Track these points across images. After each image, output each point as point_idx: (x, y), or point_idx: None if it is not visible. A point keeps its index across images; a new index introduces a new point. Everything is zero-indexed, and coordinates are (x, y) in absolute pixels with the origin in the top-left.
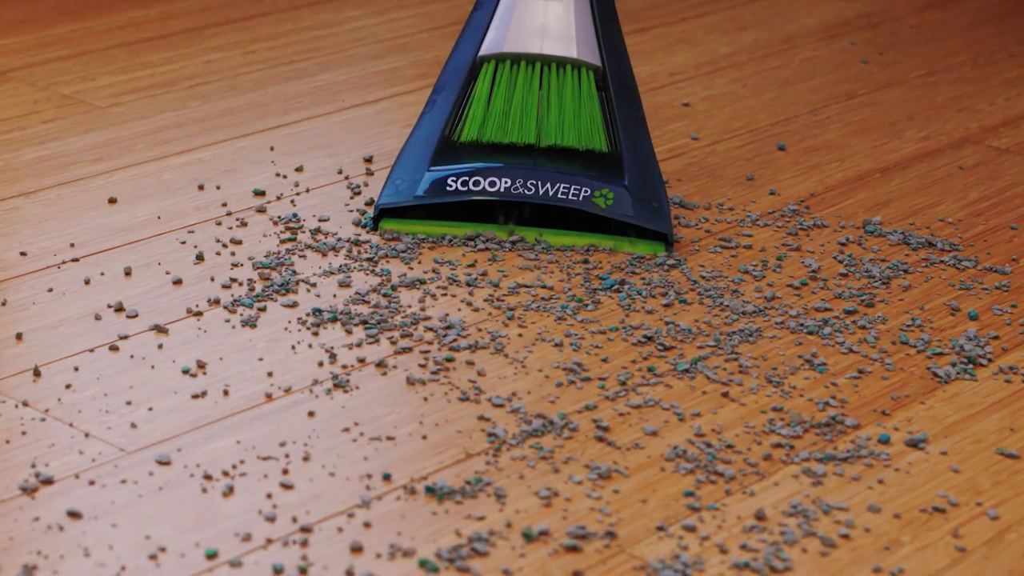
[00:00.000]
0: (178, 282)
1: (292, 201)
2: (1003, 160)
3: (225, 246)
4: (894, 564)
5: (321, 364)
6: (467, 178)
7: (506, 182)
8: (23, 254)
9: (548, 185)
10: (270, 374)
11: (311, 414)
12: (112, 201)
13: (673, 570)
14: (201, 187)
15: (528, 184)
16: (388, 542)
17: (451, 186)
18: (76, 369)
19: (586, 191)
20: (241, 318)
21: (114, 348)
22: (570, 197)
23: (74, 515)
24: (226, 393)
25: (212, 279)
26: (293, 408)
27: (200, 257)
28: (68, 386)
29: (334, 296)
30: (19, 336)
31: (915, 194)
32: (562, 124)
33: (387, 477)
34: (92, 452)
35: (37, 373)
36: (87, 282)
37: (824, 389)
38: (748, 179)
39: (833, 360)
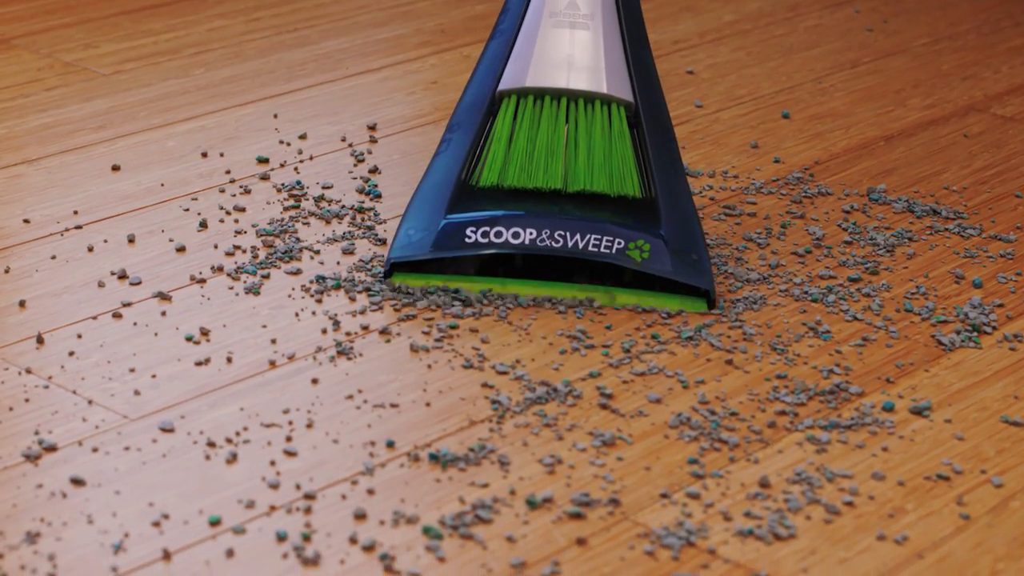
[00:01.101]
0: (181, 249)
1: (295, 168)
2: (1008, 128)
3: (228, 213)
4: (898, 531)
5: (325, 331)
6: (487, 228)
7: (531, 233)
8: (26, 221)
9: (578, 236)
10: (273, 341)
11: (315, 381)
12: (115, 168)
13: (677, 537)
14: (204, 154)
15: (555, 235)
16: (392, 509)
17: (470, 237)
18: (79, 336)
19: (619, 243)
20: (244, 285)
21: (117, 315)
22: (602, 250)
23: (77, 482)
24: (229, 360)
25: (215, 246)
26: (297, 375)
27: (203, 224)
28: (71, 353)
29: (337, 263)
30: (22, 303)
31: (920, 162)
32: (591, 167)
33: (391, 444)
34: (95, 419)
35: (40, 340)
36: (90, 249)
37: (828, 357)
38: (752, 147)
39: (837, 328)
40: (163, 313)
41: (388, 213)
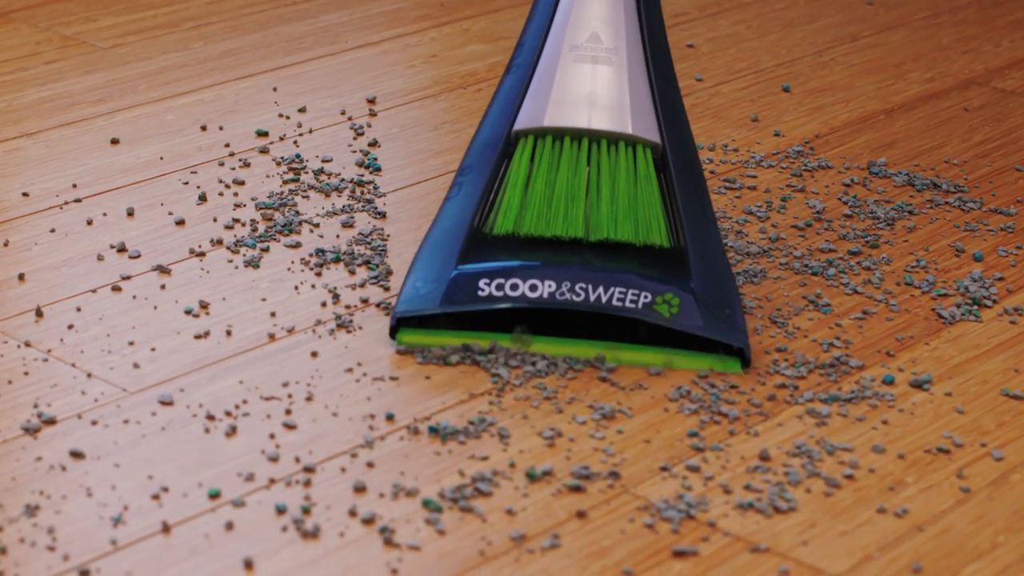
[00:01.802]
0: (181, 223)
1: (295, 142)
2: (1008, 102)
3: (228, 187)
4: (898, 504)
5: (324, 304)
6: (502, 280)
7: (550, 285)
8: (25, 195)
9: (601, 289)
10: (273, 314)
11: (314, 354)
12: (115, 142)
13: (677, 510)
14: (204, 128)
15: (576, 288)
16: (391, 482)
17: (483, 290)
18: (78, 309)
19: (646, 296)
20: (244, 258)
21: (116, 289)
22: (627, 304)
23: (76, 455)
24: (229, 333)
25: (215, 219)
26: (296, 348)
27: (203, 198)
28: (70, 326)
29: (337, 236)
30: (21, 277)
31: (920, 135)
32: (615, 214)
33: (390, 417)
34: (95, 392)
35: (39, 313)
36: (89, 223)
37: (828, 330)
38: (752, 120)
39: (837, 301)
40: (162, 286)
41: (388, 186)
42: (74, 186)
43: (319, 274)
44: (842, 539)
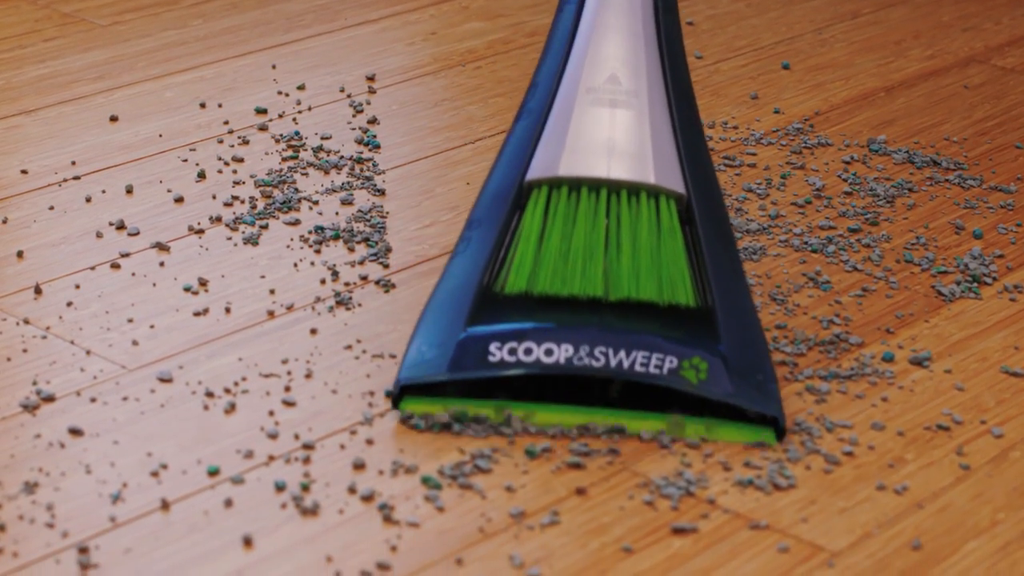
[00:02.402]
0: (180, 200)
1: (294, 119)
2: (1008, 79)
3: (227, 164)
4: (898, 481)
5: (323, 281)
6: (515, 344)
7: (567, 349)
8: (24, 172)
9: (623, 353)
10: (272, 291)
11: (313, 331)
12: (113, 119)
13: (676, 487)
14: (203, 105)
15: (596, 352)
16: (391, 459)
17: (494, 355)
18: (77, 287)
19: (671, 361)
20: (243, 236)
21: (115, 266)
22: (651, 370)
23: (75, 432)
24: (228, 310)
25: (214, 197)
26: (295, 325)
27: (202, 175)
28: (69, 304)
29: (336, 214)
30: (20, 254)
31: (920, 113)
32: (637, 271)
33: (389, 394)
34: (93, 369)
35: (38, 291)
36: (88, 200)
37: (828, 307)
38: (752, 98)
39: (837, 278)
40: (161, 263)
41: (387, 163)
42: (73, 163)
43: (318, 251)
44: (842, 516)
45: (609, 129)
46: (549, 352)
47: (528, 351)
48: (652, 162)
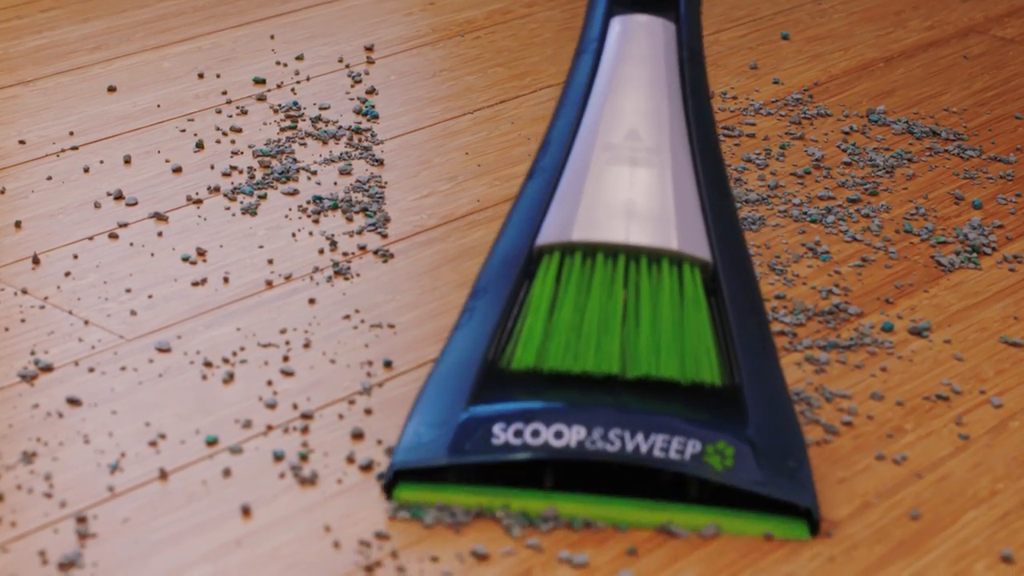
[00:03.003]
0: (178, 170)
1: (292, 89)
2: (1008, 50)
3: (225, 134)
4: (897, 451)
5: (322, 251)
6: (521, 425)
7: (578, 432)
8: (22, 142)
9: (640, 437)
10: (270, 261)
11: (312, 301)
12: (111, 89)
13: None
14: (201, 75)
15: (610, 435)
16: (389, 429)
17: (498, 437)
18: (75, 257)
19: (694, 445)
20: (241, 206)
21: (113, 236)
22: (671, 455)
23: (74, 402)
24: (226, 280)
25: (212, 167)
26: (293, 295)
27: (200, 145)
28: (67, 274)
29: (335, 184)
30: (18, 224)
31: (919, 83)
32: (657, 345)
33: (388, 364)
34: (92, 339)
35: (36, 261)
36: (86, 170)
37: (827, 277)
38: (751, 68)
39: (836, 248)
40: (159, 234)
41: (385, 134)
42: (71, 134)
43: (316, 221)
44: (841, 486)
45: (628, 190)
46: (559, 435)
47: (536, 433)
48: (675, 226)
